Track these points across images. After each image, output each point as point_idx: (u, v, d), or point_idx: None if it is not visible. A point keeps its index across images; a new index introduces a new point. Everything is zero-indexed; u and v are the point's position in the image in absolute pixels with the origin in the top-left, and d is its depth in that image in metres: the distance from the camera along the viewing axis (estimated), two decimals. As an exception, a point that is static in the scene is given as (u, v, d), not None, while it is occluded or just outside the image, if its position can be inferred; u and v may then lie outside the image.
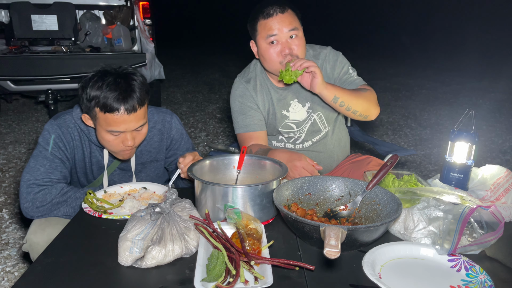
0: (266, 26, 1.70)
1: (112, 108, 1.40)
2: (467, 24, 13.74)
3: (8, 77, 4.16)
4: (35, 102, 5.63)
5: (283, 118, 1.91)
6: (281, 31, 1.69)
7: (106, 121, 1.43)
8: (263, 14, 1.70)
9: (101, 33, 4.72)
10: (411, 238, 1.22)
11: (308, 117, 1.92)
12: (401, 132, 4.91)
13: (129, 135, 1.48)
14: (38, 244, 1.46)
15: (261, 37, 1.73)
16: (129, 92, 1.42)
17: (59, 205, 1.49)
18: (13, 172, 3.56)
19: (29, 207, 1.49)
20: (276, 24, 1.68)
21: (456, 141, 1.48)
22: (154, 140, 1.72)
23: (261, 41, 1.75)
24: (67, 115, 1.61)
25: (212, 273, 1.01)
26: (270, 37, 1.70)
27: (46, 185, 1.50)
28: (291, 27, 1.69)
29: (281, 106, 1.90)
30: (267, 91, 1.90)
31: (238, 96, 1.91)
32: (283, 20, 1.69)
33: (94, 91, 1.42)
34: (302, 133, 1.95)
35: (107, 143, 1.50)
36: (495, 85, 7.39)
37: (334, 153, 2.02)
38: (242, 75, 1.96)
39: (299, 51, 1.72)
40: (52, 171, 1.53)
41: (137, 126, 1.48)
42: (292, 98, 1.89)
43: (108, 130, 1.45)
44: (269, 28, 1.69)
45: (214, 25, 17.59)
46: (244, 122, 1.89)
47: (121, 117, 1.42)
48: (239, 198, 1.28)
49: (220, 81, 7.68)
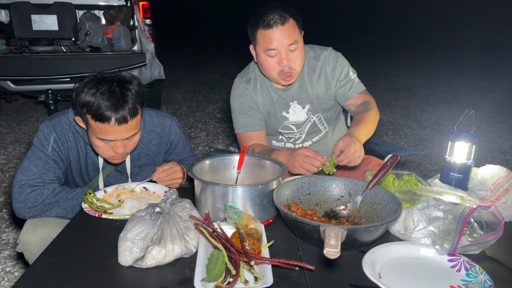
0: (266, 38, 1.66)
1: (103, 117, 1.38)
2: (467, 24, 13.74)
3: (8, 77, 4.16)
4: (35, 102, 5.63)
5: (283, 119, 1.91)
6: (281, 44, 1.65)
7: (97, 129, 1.42)
8: (263, 24, 1.65)
9: (101, 33, 4.71)
10: (411, 238, 1.22)
11: (307, 118, 1.91)
12: (401, 132, 4.91)
13: (119, 143, 1.47)
14: (31, 244, 1.45)
15: (260, 48, 1.71)
16: (121, 103, 1.39)
17: (51, 205, 1.48)
18: (13, 172, 3.56)
19: (21, 207, 1.47)
20: (276, 37, 1.64)
21: (456, 141, 1.48)
22: (153, 143, 1.72)
23: (260, 51, 1.72)
24: (62, 116, 1.60)
25: (212, 273, 1.01)
26: (269, 50, 1.67)
27: (38, 185, 1.49)
28: (291, 41, 1.66)
29: (281, 107, 1.90)
30: (267, 92, 1.90)
31: (238, 96, 1.91)
32: (283, 33, 1.64)
33: (88, 97, 1.39)
34: (302, 133, 1.95)
35: (97, 148, 1.50)
36: (495, 85, 7.39)
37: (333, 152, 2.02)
38: (242, 75, 1.95)
39: (296, 64, 1.71)
40: (45, 172, 1.51)
41: (128, 136, 1.46)
42: (292, 100, 1.89)
43: (98, 137, 1.44)
44: (269, 41, 1.66)
45: (214, 25, 17.59)
46: (244, 121, 1.89)
47: (112, 127, 1.40)
48: (239, 198, 1.28)
49: (220, 81, 7.68)
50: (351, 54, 1.89)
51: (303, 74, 1.86)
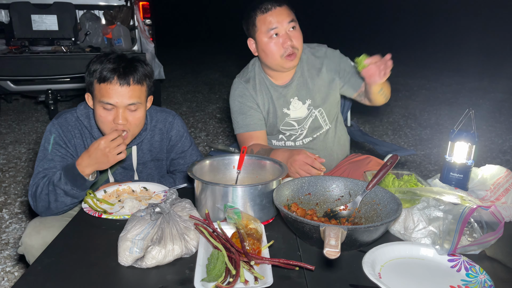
0: (266, 20, 1.73)
1: (106, 77, 1.43)
2: (467, 24, 13.75)
3: (8, 77, 4.16)
4: (35, 102, 5.62)
5: (284, 116, 1.92)
6: (281, 24, 1.73)
7: (100, 92, 1.46)
8: (260, 10, 1.74)
9: (101, 33, 4.72)
10: (411, 238, 1.22)
11: (309, 113, 1.92)
12: (401, 132, 4.91)
13: (121, 112, 1.47)
14: (33, 247, 1.44)
15: (261, 32, 1.76)
16: (127, 68, 1.46)
17: (51, 194, 1.45)
18: (13, 172, 3.56)
19: (38, 208, 1.49)
20: (275, 17, 1.73)
21: (456, 141, 1.48)
22: (155, 139, 1.72)
23: (261, 36, 1.77)
24: (68, 113, 1.63)
25: (212, 273, 1.01)
26: (271, 30, 1.73)
27: (40, 182, 1.50)
28: (289, 19, 1.74)
29: (281, 104, 1.91)
30: (266, 90, 1.91)
31: (237, 96, 1.91)
32: (281, 12, 1.73)
33: (96, 65, 1.47)
34: (303, 130, 1.95)
35: (100, 118, 1.50)
36: (495, 85, 7.39)
37: (333, 151, 2.02)
38: (241, 75, 1.97)
39: (298, 43, 1.77)
40: (50, 169, 1.53)
41: (129, 102, 1.47)
42: (292, 96, 1.90)
43: (101, 101, 1.46)
44: (269, 22, 1.73)
45: (214, 25, 17.59)
46: (244, 121, 1.89)
47: (113, 87, 1.44)
48: (239, 198, 1.28)
49: (220, 81, 7.68)
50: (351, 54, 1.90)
51: (302, 70, 1.88)
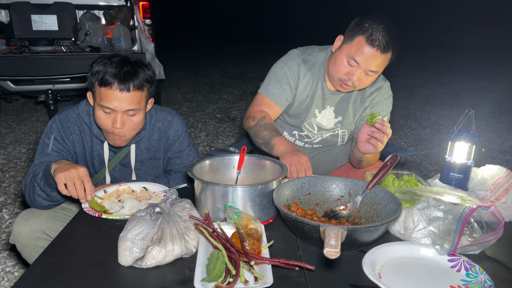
0: (360, 48, 1.58)
1: (107, 81, 1.44)
2: (467, 24, 13.74)
3: (8, 77, 4.16)
4: (35, 102, 5.63)
5: (312, 116, 1.87)
6: (366, 63, 1.60)
7: (100, 95, 1.46)
8: (367, 36, 1.56)
9: (101, 33, 4.71)
10: (411, 238, 1.22)
11: (333, 128, 1.89)
12: (401, 132, 4.91)
13: (119, 117, 1.48)
14: (20, 234, 1.49)
15: (350, 49, 1.62)
16: (129, 74, 1.46)
17: (31, 186, 1.50)
18: (13, 172, 3.56)
19: (26, 198, 1.53)
20: (367, 56, 1.58)
21: (456, 141, 1.48)
22: (153, 138, 1.72)
23: (346, 50, 1.64)
24: (69, 109, 1.64)
25: (212, 273, 1.01)
26: (354, 58, 1.60)
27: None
28: (376, 68, 1.62)
29: (316, 104, 1.85)
30: (315, 83, 1.83)
31: (287, 66, 1.82)
32: (375, 58, 1.59)
33: (99, 66, 1.47)
34: (320, 137, 1.92)
35: (98, 120, 1.52)
36: (495, 85, 7.40)
37: (338, 158, 2.01)
38: (303, 51, 1.86)
39: (359, 86, 1.70)
40: (46, 163, 1.54)
41: (128, 108, 1.48)
42: (331, 104, 1.85)
43: (100, 104, 1.47)
44: (360, 53, 1.59)
45: (214, 25, 17.59)
46: (274, 89, 1.82)
47: (113, 92, 1.44)
48: (239, 198, 1.28)
49: (220, 81, 7.67)
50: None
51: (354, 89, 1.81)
